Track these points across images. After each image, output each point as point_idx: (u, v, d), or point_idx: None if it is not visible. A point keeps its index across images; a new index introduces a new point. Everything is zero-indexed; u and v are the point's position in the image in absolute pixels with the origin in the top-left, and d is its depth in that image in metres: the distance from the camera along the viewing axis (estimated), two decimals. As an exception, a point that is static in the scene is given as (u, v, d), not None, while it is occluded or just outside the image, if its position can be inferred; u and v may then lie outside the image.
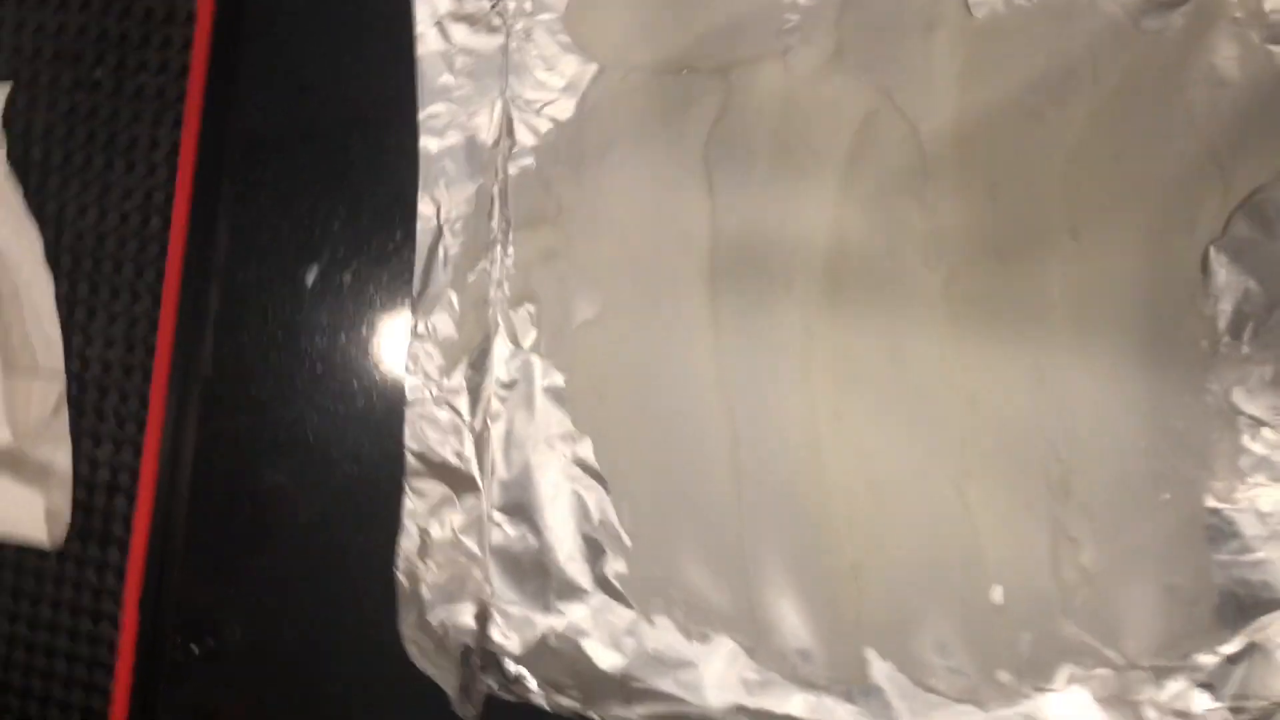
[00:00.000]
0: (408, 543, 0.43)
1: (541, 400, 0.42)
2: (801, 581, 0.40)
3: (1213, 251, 0.37)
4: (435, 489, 0.43)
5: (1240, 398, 0.36)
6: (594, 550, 0.42)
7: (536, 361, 0.43)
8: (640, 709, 0.41)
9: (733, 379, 0.41)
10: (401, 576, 0.43)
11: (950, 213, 0.39)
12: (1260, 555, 0.36)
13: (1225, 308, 0.37)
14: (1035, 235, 0.38)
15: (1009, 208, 0.38)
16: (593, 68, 0.42)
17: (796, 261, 0.40)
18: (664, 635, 0.41)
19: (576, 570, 0.42)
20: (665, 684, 0.41)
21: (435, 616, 0.43)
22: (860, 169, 0.40)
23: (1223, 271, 0.37)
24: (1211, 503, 0.37)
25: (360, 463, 0.46)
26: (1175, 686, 0.37)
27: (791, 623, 0.40)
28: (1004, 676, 0.38)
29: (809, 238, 0.40)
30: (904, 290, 0.39)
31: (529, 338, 0.43)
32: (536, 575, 0.42)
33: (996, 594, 0.38)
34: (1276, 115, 0.36)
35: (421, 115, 0.43)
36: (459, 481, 0.43)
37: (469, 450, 0.43)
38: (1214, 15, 0.36)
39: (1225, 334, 0.37)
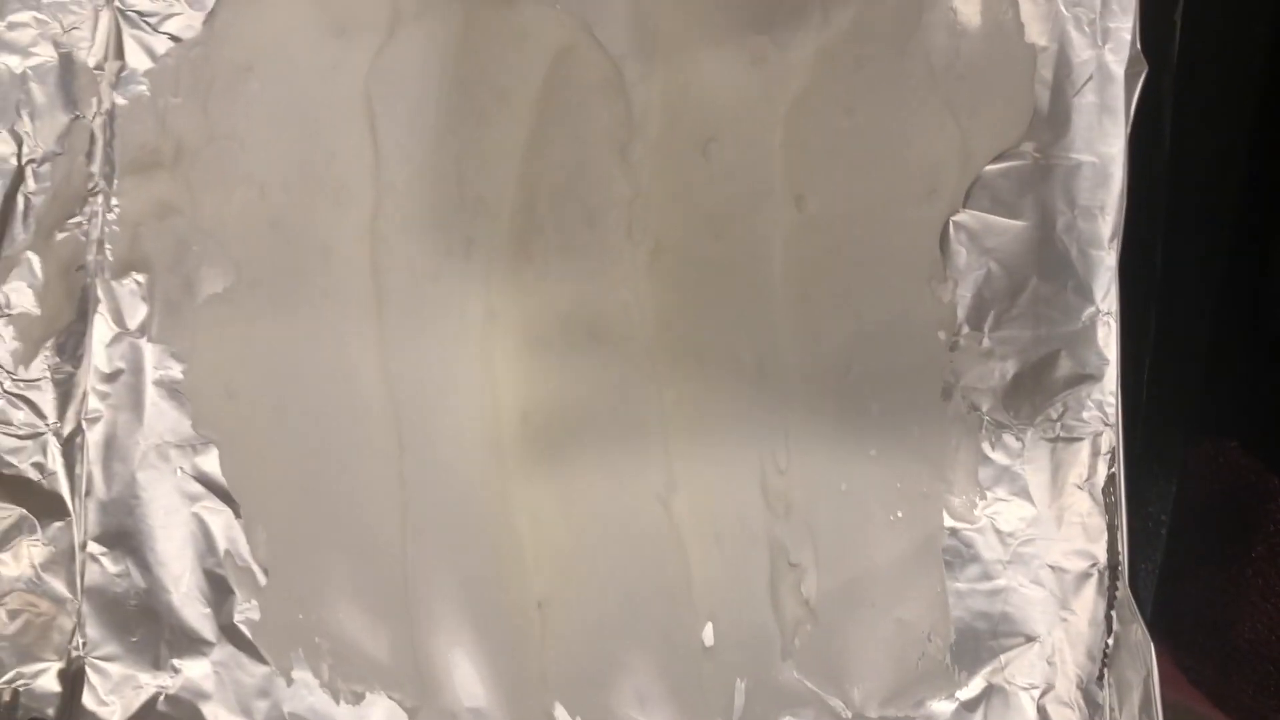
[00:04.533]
0: (-33, 583, 0.33)
1: (153, 397, 0.33)
2: (477, 623, 0.32)
3: (952, 228, 0.32)
4: (8, 512, 0.33)
5: (981, 399, 0.31)
6: (219, 590, 0.33)
7: (147, 347, 0.33)
8: (273, 789, 0.33)
9: (398, 370, 0.33)
10: (-44, 628, 0.33)
11: (659, 173, 0.32)
12: (1001, 582, 0.31)
13: (965, 293, 0.32)
14: (754, 202, 0.32)
15: (725, 168, 0.32)
16: (225, -26, 0.33)
17: (478, 225, 0.33)
18: (306, 695, 0.33)
19: (196, 615, 0.33)
20: (305, 757, 0.33)
21: (3, 678, 0.33)
22: (553, 117, 0.32)
23: (963, 251, 0.32)
24: (949, 521, 0.31)
25: (-89, 478, 0.35)
26: (907, 740, 0.32)
27: (464, 675, 0.32)
28: (713, 733, 0.32)
29: (492, 197, 0.33)
30: (604, 264, 0.32)
31: (137, 317, 0.33)
32: (144, 623, 0.33)
33: (707, 633, 0.32)
34: (1020, 71, 0.31)
35: (1, 26, 0.33)
36: (41, 503, 0.33)
37: (54, 462, 0.33)
38: (956, -49, 0.31)
39: (964, 324, 0.32)
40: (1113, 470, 0.30)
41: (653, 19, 0.32)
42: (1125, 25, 0.31)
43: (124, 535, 0.33)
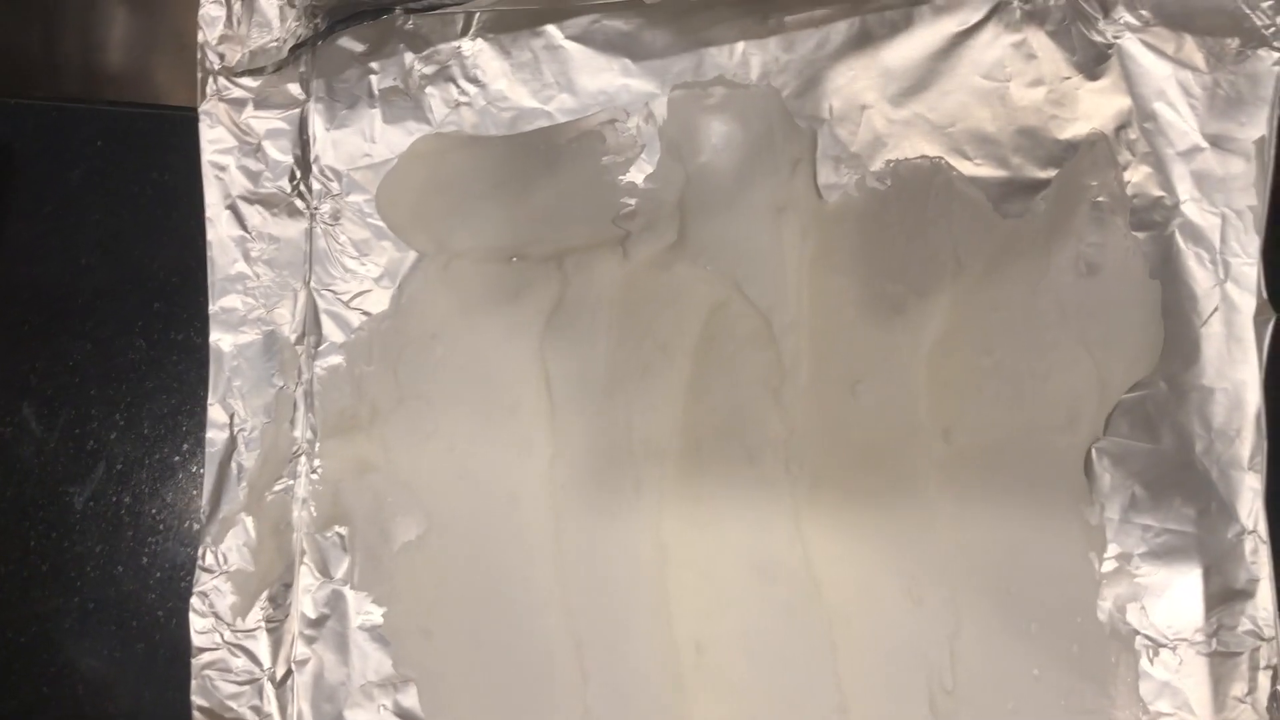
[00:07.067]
0: (194, 822, 0.36)
1: (357, 640, 0.36)
2: None
3: (1094, 454, 0.34)
4: (229, 753, 0.36)
5: (1135, 617, 0.33)
6: (421, 819, 0.35)
7: (349, 594, 0.36)
8: None
9: (580, 605, 0.35)
10: None
11: (810, 413, 0.35)
12: (1170, 795, 0.32)
13: (1112, 516, 0.33)
14: (904, 436, 0.34)
15: (874, 406, 0.34)
16: (410, 255, 0.37)
17: (647, 467, 0.35)
18: None
19: (400, 845, 0.35)
20: None
21: None
22: (710, 365, 0.35)
23: (1106, 476, 0.34)
24: (1115, 736, 0.33)
25: (139, 721, 0.39)
26: None
27: None
28: None
29: (658, 440, 0.35)
30: (766, 499, 0.35)
31: (340, 567, 0.37)
32: None
33: None
34: (1147, 306, 0.33)
35: (213, 308, 0.37)
36: (258, 743, 0.36)
37: (270, 704, 0.36)
38: (1076, 199, 0.34)
39: (1114, 544, 0.33)
40: (1276, 686, 0.32)
41: (797, 275, 0.35)
42: (1245, 260, 0.33)
43: (333, 770, 0.36)
